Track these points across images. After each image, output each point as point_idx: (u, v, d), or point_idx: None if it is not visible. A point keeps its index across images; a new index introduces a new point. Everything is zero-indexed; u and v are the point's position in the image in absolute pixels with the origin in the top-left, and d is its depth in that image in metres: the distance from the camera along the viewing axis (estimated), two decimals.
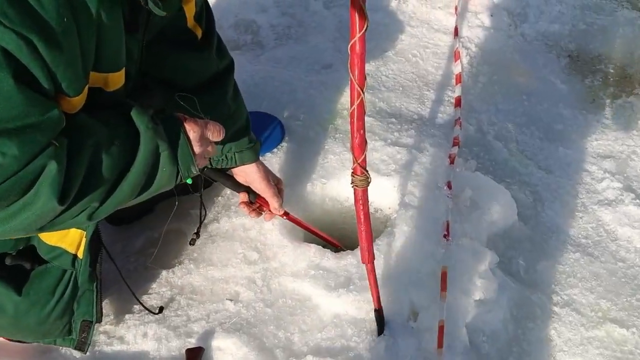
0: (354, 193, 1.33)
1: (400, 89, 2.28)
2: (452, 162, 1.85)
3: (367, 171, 1.30)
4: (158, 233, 1.78)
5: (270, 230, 1.71)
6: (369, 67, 2.37)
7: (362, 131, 1.24)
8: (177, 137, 1.12)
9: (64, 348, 1.51)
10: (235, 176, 1.60)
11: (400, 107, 2.19)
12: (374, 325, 1.50)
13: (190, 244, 1.65)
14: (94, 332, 1.42)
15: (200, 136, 1.17)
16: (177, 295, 1.62)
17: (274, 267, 1.64)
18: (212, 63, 1.45)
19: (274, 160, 1.91)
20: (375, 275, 1.46)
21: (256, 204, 1.59)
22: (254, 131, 1.60)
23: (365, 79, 1.13)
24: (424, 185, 1.78)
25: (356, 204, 1.35)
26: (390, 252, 1.63)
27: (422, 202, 1.72)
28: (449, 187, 1.77)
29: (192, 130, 1.15)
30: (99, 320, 1.43)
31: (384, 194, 1.83)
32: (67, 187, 0.97)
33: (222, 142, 1.46)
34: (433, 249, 1.62)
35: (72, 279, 1.36)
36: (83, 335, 1.42)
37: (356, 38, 1.07)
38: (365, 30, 1.07)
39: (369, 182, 1.31)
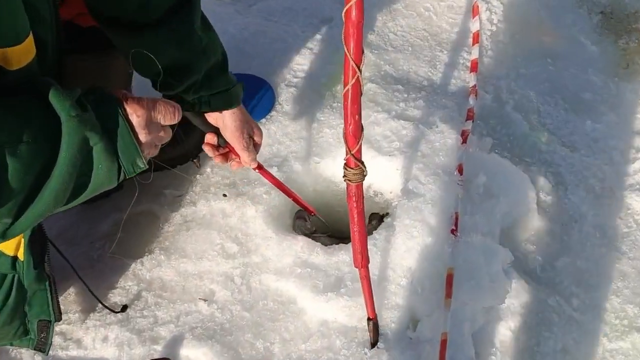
0: (347, 188, 1.13)
1: (410, 49, 2.01)
2: (464, 141, 1.61)
3: (362, 163, 1.08)
4: (129, 215, 1.58)
5: (254, 217, 1.50)
6: (374, 21, 2.09)
7: (357, 116, 1.03)
8: (115, 123, 0.87)
9: (17, 350, 1.34)
10: (207, 116, 1.30)
11: (409, 70, 1.92)
12: (366, 336, 1.31)
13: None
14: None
15: (147, 120, 0.92)
16: (144, 291, 1.42)
17: (255, 263, 1.43)
18: None
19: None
20: (369, 280, 1.26)
21: (225, 148, 1.31)
22: None
23: (363, 52, 0.90)
24: (431, 168, 1.54)
25: (349, 201, 1.14)
26: (388, 249, 1.41)
27: (428, 189, 1.49)
28: (460, 171, 1.53)
29: (135, 114, 0.90)
30: (58, 319, 1.25)
31: (385, 175, 1.60)
32: None
33: (194, 84, 1.20)
34: (438, 246, 1.40)
35: (15, 282, 1.16)
36: (42, 335, 1.24)
37: (352, 2, 0.83)
38: None
39: (365, 176, 1.10)
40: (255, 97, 1.77)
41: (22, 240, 1.12)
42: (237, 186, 1.57)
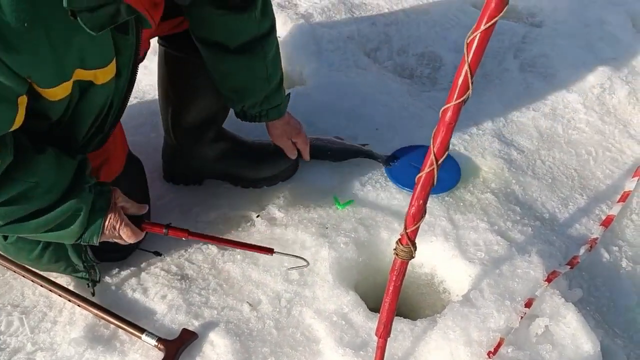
0: (393, 261, 1.23)
1: (550, 180, 2.01)
2: (549, 281, 1.58)
3: (414, 244, 1.18)
4: (234, 214, 1.83)
5: (323, 259, 1.64)
6: (528, 144, 2.13)
7: (421, 201, 1.13)
8: (97, 213, 1.28)
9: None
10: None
11: (537, 199, 1.93)
12: None
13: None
14: (118, 273, 1.57)
15: (113, 229, 1.32)
16: (211, 275, 1.64)
17: (304, 295, 1.58)
18: (254, 24, 1.48)
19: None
20: (383, 353, 1.34)
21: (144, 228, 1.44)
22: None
23: (448, 148, 1.02)
24: (500, 288, 1.55)
25: (390, 274, 1.24)
26: (420, 338, 1.46)
27: (486, 305, 1.50)
28: (527, 305, 1.51)
29: (109, 219, 1.30)
30: (92, 264, 1.53)
31: (457, 278, 1.64)
32: None
33: (255, 104, 1.65)
34: (466, 359, 1.41)
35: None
36: (92, 272, 1.54)
37: (451, 104, 0.97)
38: (464, 101, 0.97)
39: (413, 257, 1.20)
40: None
41: None
42: (326, 228, 1.73)
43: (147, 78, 2.22)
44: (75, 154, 1.28)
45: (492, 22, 0.84)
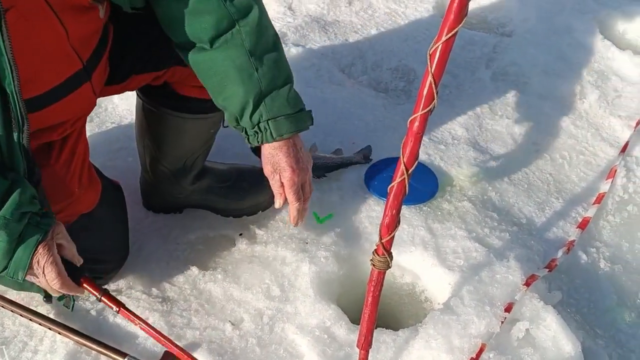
0: (371, 272, 1.24)
1: (525, 186, 2.04)
2: (527, 285, 1.60)
3: (389, 254, 1.19)
4: (214, 234, 1.84)
5: (305, 274, 1.65)
6: (502, 151, 2.16)
7: (394, 211, 1.15)
8: (28, 245, 1.15)
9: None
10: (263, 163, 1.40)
11: (513, 205, 1.96)
12: None
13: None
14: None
15: (37, 264, 1.18)
16: (193, 296, 1.64)
17: (286, 311, 1.58)
18: (220, 6, 1.25)
19: None
20: None
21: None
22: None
23: (417, 159, 1.04)
24: (480, 294, 1.56)
25: (369, 284, 1.26)
26: (403, 348, 1.46)
27: (467, 312, 1.51)
28: (507, 310, 1.53)
29: (37, 253, 1.17)
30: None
31: (437, 285, 1.65)
32: None
33: (247, 104, 1.31)
34: None
35: None
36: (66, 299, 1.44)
37: (418, 115, 0.99)
38: (430, 111, 0.99)
39: (389, 266, 1.22)
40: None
41: None
42: (307, 243, 1.74)
43: (124, 102, 2.23)
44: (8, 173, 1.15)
45: (452, 33, 0.86)
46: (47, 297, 1.45)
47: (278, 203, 1.44)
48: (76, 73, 1.26)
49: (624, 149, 2.20)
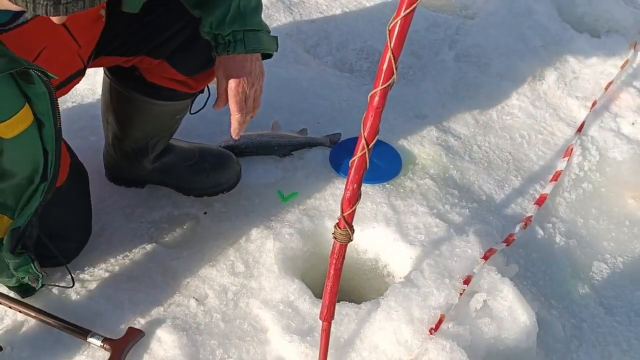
0: (332, 245, 1.25)
1: (486, 164, 2.09)
2: (485, 258, 1.65)
3: (351, 227, 1.21)
4: (179, 213, 1.83)
5: (269, 250, 1.67)
6: (464, 131, 2.21)
7: (356, 185, 1.16)
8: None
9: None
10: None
11: (474, 182, 2.01)
12: None
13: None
14: (61, 277, 1.57)
15: None
16: (158, 274, 1.64)
17: (251, 286, 1.59)
18: None
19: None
20: (328, 336, 1.36)
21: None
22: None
23: (377, 133, 1.06)
24: (440, 268, 1.60)
25: (331, 257, 1.27)
26: (365, 320, 1.50)
27: (426, 284, 1.55)
28: (466, 282, 1.57)
29: None
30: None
31: (399, 260, 1.69)
32: None
33: (226, 16, 1.33)
34: (410, 337, 1.45)
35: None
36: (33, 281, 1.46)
37: (378, 89, 1.00)
38: (390, 86, 1.00)
39: (351, 239, 1.23)
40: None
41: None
42: (271, 220, 1.76)
43: (85, 81, 2.17)
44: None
45: (411, 8, 0.88)
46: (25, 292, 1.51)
47: (217, 105, 1.46)
48: (77, 72, 1.38)
49: (580, 129, 2.27)
